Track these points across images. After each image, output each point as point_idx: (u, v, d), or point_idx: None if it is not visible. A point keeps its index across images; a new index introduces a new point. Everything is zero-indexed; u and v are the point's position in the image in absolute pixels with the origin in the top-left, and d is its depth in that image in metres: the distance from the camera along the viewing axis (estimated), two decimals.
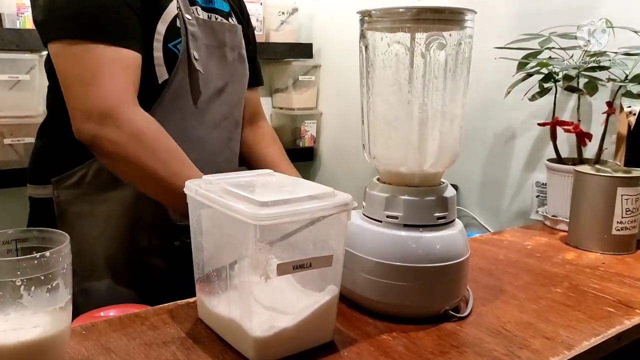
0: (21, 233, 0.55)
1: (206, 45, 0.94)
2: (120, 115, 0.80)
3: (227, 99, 1.00)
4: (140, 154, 0.80)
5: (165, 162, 0.82)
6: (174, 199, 0.82)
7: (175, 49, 0.88)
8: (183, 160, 0.84)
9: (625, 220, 0.94)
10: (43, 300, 0.50)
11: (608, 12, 1.06)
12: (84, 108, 0.81)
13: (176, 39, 0.88)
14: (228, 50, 0.99)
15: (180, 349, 0.60)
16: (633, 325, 0.68)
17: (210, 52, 0.95)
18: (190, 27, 0.89)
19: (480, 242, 1.02)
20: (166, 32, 0.87)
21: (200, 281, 0.66)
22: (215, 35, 0.96)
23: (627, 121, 0.97)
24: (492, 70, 1.25)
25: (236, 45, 1.01)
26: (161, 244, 0.92)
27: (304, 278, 0.60)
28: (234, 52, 1.00)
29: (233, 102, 1.02)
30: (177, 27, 0.88)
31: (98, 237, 0.92)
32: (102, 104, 0.80)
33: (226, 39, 0.98)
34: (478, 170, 1.44)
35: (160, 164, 0.81)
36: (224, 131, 1.00)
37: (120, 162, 0.83)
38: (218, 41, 0.97)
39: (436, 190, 0.69)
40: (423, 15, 0.63)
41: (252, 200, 0.55)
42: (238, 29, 1.03)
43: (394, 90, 0.67)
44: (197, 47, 0.91)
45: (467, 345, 0.62)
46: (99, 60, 0.80)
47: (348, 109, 1.91)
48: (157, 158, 0.81)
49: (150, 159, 0.81)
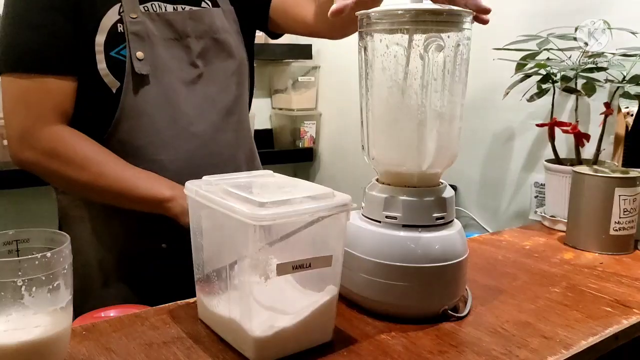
0: (22, 233, 0.56)
1: (165, 40, 0.91)
2: (32, 137, 0.85)
3: (203, 90, 0.95)
4: (57, 167, 0.86)
5: (84, 167, 0.85)
6: (117, 200, 0.87)
7: (120, 55, 0.87)
8: (103, 161, 0.86)
9: (623, 220, 0.94)
10: (44, 300, 0.51)
11: (606, 14, 1.07)
12: (8, 136, 0.88)
13: (119, 45, 0.87)
14: (192, 40, 0.93)
15: (180, 348, 0.61)
16: (630, 325, 0.69)
17: (170, 45, 0.92)
18: (133, 27, 0.87)
19: (479, 243, 1.02)
20: (106, 41, 0.86)
21: (200, 281, 0.67)
22: (173, 28, 0.92)
23: (624, 122, 0.98)
24: (490, 71, 1.26)
25: (205, 31, 0.95)
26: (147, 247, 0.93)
27: (304, 278, 0.61)
28: (202, 40, 0.95)
29: (213, 91, 0.96)
30: (120, 32, 0.87)
31: (90, 240, 0.93)
32: (19, 128, 0.86)
33: (187, 29, 0.93)
34: (477, 170, 1.44)
35: (79, 170, 0.85)
36: (204, 124, 0.94)
37: (48, 178, 0.90)
38: (178, 33, 0.92)
39: (435, 191, 0.69)
40: (421, 17, 0.64)
41: (251, 200, 0.55)
42: (208, 13, 0.96)
43: (393, 92, 0.68)
44: (143, 46, 0.88)
45: (466, 344, 0.63)
46: (16, 88, 0.85)
47: (347, 109, 1.92)
48: (75, 166, 0.85)
49: (69, 169, 0.86)
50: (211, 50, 0.96)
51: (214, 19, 0.97)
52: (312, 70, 2.00)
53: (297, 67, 1.98)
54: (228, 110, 0.98)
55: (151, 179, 0.87)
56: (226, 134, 0.98)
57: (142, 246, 0.92)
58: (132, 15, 0.87)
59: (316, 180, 2.09)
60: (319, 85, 2.04)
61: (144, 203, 0.86)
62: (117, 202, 0.88)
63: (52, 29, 0.84)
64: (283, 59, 1.97)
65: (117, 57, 0.87)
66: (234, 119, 1.00)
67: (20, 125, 0.85)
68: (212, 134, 0.95)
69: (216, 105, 0.96)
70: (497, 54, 1.12)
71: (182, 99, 0.92)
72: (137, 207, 0.87)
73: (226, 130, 0.98)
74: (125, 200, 0.86)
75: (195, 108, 0.94)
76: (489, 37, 1.08)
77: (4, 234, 0.55)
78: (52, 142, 0.85)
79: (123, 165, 0.87)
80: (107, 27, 0.86)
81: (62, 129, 0.87)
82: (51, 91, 0.86)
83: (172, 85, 0.91)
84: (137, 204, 0.86)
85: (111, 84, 0.87)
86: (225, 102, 0.98)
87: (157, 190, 0.85)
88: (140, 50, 0.87)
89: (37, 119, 0.85)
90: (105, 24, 0.86)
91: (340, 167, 2.00)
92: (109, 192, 0.86)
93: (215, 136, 0.96)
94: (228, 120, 0.98)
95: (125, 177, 0.86)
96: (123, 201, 0.87)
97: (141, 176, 0.87)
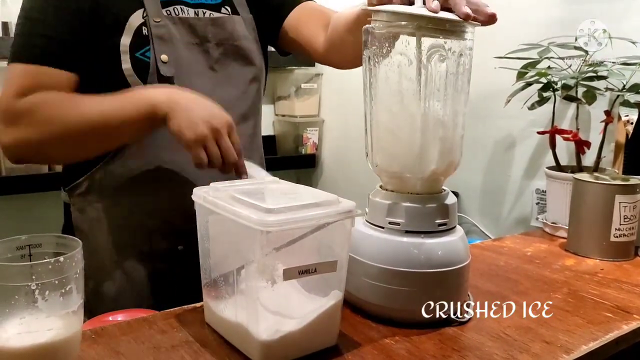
0: (34, 239, 0.57)
1: (186, 44, 0.93)
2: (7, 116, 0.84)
3: (221, 95, 0.95)
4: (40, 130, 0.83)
5: (63, 117, 0.82)
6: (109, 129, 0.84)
7: (145, 57, 0.88)
8: (80, 97, 0.85)
9: (624, 227, 0.95)
10: (57, 304, 0.52)
11: (606, 23, 1.08)
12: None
13: (144, 47, 0.88)
14: (212, 45, 0.96)
15: (188, 352, 0.62)
16: (631, 330, 0.70)
17: (192, 50, 0.94)
18: (157, 30, 0.89)
19: (480, 249, 1.03)
20: (132, 43, 0.87)
21: (207, 286, 0.68)
22: (194, 33, 0.94)
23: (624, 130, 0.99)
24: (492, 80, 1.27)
25: (225, 38, 0.97)
26: (164, 249, 0.94)
27: (309, 283, 0.62)
28: (221, 47, 0.97)
29: (231, 96, 0.98)
30: (144, 35, 0.88)
31: (106, 243, 0.94)
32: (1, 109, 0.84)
33: (208, 35, 0.95)
34: (478, 177, 1.45)
35: (61, 123, 0.82)
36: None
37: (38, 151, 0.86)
38: (199, 38, 0.94)
39: (437, 198, 0.70)
40: (425, 27, 0.65)
41: (259, 207, 0.56)
42: (230, 20, 0.98)
43: (397, 100, 0.69)
44: (168, 49, 0.90)
45: (469, 349, 0.64)
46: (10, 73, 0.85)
47: (350, 116, 1.93)
48: (53, 120, 0.82)
49: (50, 128, 0.82)
50: (230, 57, 0.98)
51: (235, 26, 0.99)
52: (315, 77, 2.01)
53: (300, 74, 2.00)
54: (245, 115, 1.01)
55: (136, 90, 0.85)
56: (242, 139, 0.99)
57: (159, 248, 0.93)
58: (155, 19, 0.89)
59: (318, 186, 2.11)
60: (322, 92, 2.06)
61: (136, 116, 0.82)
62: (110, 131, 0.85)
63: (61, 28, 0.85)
64: (286, 66, 1.98)
65: (142, 59, 0.88)
66: (251, 124, 1.02)
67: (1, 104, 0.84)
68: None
69: (234, 110, 0.97)
70: (499, 63, 1.13)
71: None
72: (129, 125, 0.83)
73: (242, 135, 0.98)
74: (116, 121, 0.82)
75: None
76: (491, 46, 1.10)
77: (17, 239, 0.56)
78: (28, 105, 0.83)
79: (99, 97, 0.84)
80: (132, 28, 0.88)
81: (31, 96, 0.84)
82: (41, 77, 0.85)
83: (192, 88, 0.93)
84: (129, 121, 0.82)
85: (134, 84, 0.88)
86: (243, 108, 1.00)
87: (148, 93, 0.83)
88: (164, 53, 0.89)
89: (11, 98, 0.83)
90: (132, 25, 0.88)
91: (343, 173, 2.01)
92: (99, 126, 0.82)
93: None
94: (245, 125, 1.00)
95: (108, 99, 0.83)
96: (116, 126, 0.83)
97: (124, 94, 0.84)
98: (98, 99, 0.83)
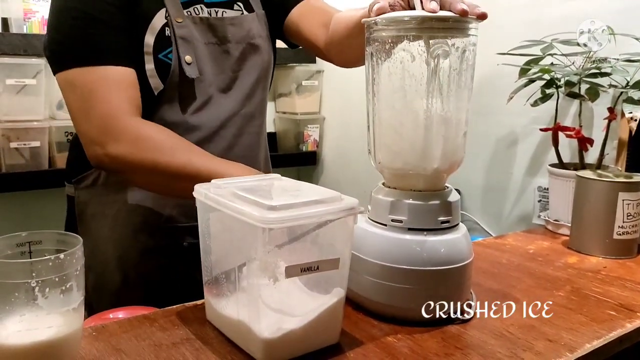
0: (34, 235, 0.56)
1: (206, 44, 0.93)
2: (116, 129, 0.82)
3: (235, 94, 0.97)
4: (148, 155, 0.82)
5: (174, 154, 0.82)
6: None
7: (166, 59, 0.89)
8: (189, 148, 0.84)
9: (627, 224, 0.95)
10: (57, 301, 0.52)
11: (609, 19, 1.07)
12: (85, 131, 0.85)
13: (166, 49, 0.89)
14: (232, 45, 0.96)
15: (189, 350, 0.61)
16: (634, 328, 0.69)
17: (211, 50, 0.94)
18: (180, 31, 0.89)
19: (483, 246, 1.03)
20: (155, 43, 0.87)
21: (208, 283, 0.67)
22: (214, 33, 0.94)
23: (628, 127, 0.99)
24: (494, 76, 1.27)
25: (243, 37, 0.98)
26: (168, 244, 0.94)
27: (311, 281, 0.61)
28: (240, 45, 0.97)
29: (243, 95, 0.99)
30: (167, 36, 0.88)
31: (109, 237, 0.94)
32: (99, 123, 0.83)
33: (228, 34, 0.95)
34: (481, 175, 1.45)
35: (169, 157, 0.82)
36: (233, 127, 0.97)
37: (133, 172, 0.85)
38: (218, 38, 0.95)
39: (440, 195, 0.70)
40: (428, 24, 0.64)
41: (261, 204, 0.56)
42: (247, 19, 0.99)
43: (399, 97, 0.69)
44: (191, 50, 0.90)
45: (471, 347, 0.63)
46: (89, 81, 0.83)
47: (351, 113, 1.92)
48: (165, 153, 0.82)
49: (159, 156, 0.82)
50: (247, 55, 0.99)
51: (252, 25, 0.99)
52: (316, 74, 2.01)
53: (301, 71, 1.99)
54: (253, 113, 1.01)
55: (237, 165, 0.84)
56: (250, 137, 1.01)
57: (163, 243, 0.93)
58: (178, 20, 0.89)
59: (319, 183, 2.10)
60: (323, 89, 2.05)
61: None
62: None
63: (111, 23, 0.84)
64: (287, 63, 1.97)
65: (164, 60, 0.88)
66: (258, 122, 1.03)
67: (99, 120, 0.82)
68: (238, 137, 0.98)
69: (245, 109, 0.99)
70: (501, 59, 1.13)
71: (216, 103, 0.95)
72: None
73: (250, 133, 1.00)
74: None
75: (227, 112, 0.96)
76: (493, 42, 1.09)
77: (16, 236, 0.56)
78: (139, 131, 0.83)
79: (207, 153, 0.85)
80: (156, 29, 0.88)
81: (142, 120, 0.86)
82: (120, 82, 0.84)
83: (209, 89, 0.94)
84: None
85: (155, 85, 0.89)
86: (252, 106, 1.01)
87: (244, 172, 0.82)
88: (188, 54, 0.89)
89: (118, 110, 0.83)
90: (155, 25, 0.88)
91: (344, 170, 2.01)
92: (197, 178, 0.78)
93: (240, 139, 0.99)
94: (253, 123, 1.01)
95: (215, 162, 0.83)
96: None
97: (229, 164, 0.84)
98: (207, 153, 0.85)
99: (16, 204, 1.66)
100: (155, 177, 0.84)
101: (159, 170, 0.82)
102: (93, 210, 0.95)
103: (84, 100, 0.83)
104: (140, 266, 0.94)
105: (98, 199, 0.94)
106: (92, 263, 0.94)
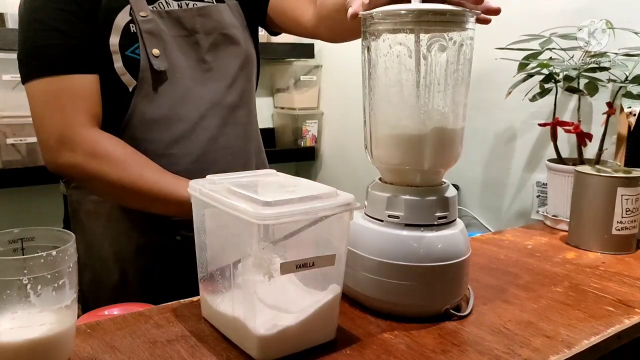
0: (27, 232, 0.56)
1: (175, 37, 0.93)
2: (71, 139, 0.85)
3: (213, 85, 0.96)
4: (99, 168, 0.85)
5: (125, 168, 0.85)
6: (152, 204, 0.86)
7: (135, 54, 0.88)
8: (143, 163, 0.87)
9: (625, 220, 0.94)
10: (49, 298, 0.51)
11: (608, 13, 1.07)
12: (42, 140, 0.87)
13: (134, 44, 0.88)
14: (201, 36, 0.95)
15: (184, 347, 0.61)
16: (632, 325, 0.69)
17: (180, 42, 0.93)
18: (146, 25, 0.88)
19: (481, 242, 1.02)
20: (121, 41, 0.87)
21: (203, 280, 0.67)
22: (182, 25, 0.94)
23: (627, 122, 0.98)
24: (493, 71, 1.26)
25: (214, 27, 0.96)
26: (162, 240, 0.93)
27: (307, 277, 0.61)
28: (211, 36, 0.96)
29: (222, 86, 0.98)
30: (133, 32, 0.88)
31: (103, 234, 0.94)
32: (55, 132, 0.85)
33: (196, 25, 0.94)
34: (479, 170, 1.44)
35: (121, 171, 0.85)
36: (215, 118, 0.96)
37: (86, 181, 0.89)
38: (187, 30, 0.94)
39: (437, 190, 0.69)
40: (425, 17, 0.64)
41: (255, 200, 0.55)
42: (216, 9, 0.98)
43: (396, 91, 0.68)
44: (159, 43, 0.90)
45: (468, 343, 0.63)
46: (48, 92, 0.86)
47: (349, 108, 1.92)
48: (116, 167, 0.85)
49: (111, 170, 0.85)
50: (220, 46, 0.98)
51: (222, 15, 0.98)
52: (314, 70, 2.00)
53: (299, 66, 1.98)
54: (237, 104, 1.00)
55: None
56: (236, 127, 1.00)
57: (157, 239, 0.93)
58: (142, 14, 0.89)
59: (318, 179, 2.10)
60: (321, 85, 2.04)
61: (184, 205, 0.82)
62: (150, 206, 0.88)
63: (69, 30, 0.85)
64: (285, 58, 1.97)
65: (132, 56, 0.88)
66: (244, 112, 1.02)
67: (56, 128, 0.85)
68: (222, 128, 0.97)
69: (226, 99, 0.98)
70: (500, 54, 1.12)
71: (193, 95, 0.94)
72: (172, 210, 0.86)
73: (236, 124, 1.00)
74: (161, 203, 0.86)
75: (206, 102, 0.95)
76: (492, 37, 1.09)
77: (9, 233, 0.55)
78: (93, 144, 0.86)
79: (161, 169, 0.88)
80: (120, 27, 0.88)
81: (99, 132, 0.88)
82: (80, 92, 0.86)
83: (184, 81, 0.93)
84: (173, 206, 0.85)
85: (128, 82, 0.89)
86: (234, 96, 0.99)
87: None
88: (155, 47, 0.89)
89: (74, 121, 0.85)
90: (119, 24, 0.88)
91: (342, 166, 2.00)
92: (148, 194, 0.85)
93: (225, 130, 0.97)
94: (237, 113, 1.00)
95: (167, 179, 0.86)
96: (158, 205, 0.86)
97: (181, 181, 0.86)
98: (161, 170, 0.87)
99: (13, 200, 1.65)
100: (108, 189, 0.88)
101: (110, 183, 0.85)
102: (86, 208, 0.95)
103: (42, 109, 0.86)
104: (136, 262, 0.93)
105: (90, 198, 0.94)
106: (89, 260, 0.93)
